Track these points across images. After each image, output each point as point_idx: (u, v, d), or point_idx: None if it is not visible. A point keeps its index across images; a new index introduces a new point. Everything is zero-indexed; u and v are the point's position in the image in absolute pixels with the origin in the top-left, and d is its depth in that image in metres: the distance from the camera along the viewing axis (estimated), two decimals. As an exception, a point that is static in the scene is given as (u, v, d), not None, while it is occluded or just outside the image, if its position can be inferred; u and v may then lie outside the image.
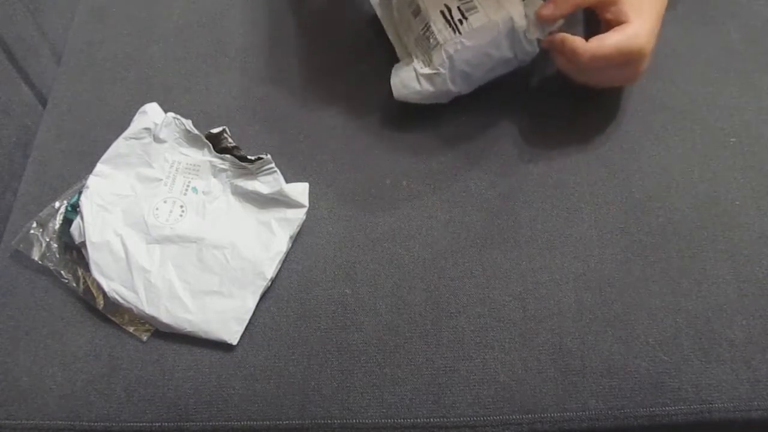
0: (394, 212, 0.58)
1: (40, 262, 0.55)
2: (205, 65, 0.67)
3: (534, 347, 0.52)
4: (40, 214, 0.57)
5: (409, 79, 0.59)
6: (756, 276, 0.54)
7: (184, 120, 0.59)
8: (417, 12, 0.59)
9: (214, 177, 0.58)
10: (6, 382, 0.51)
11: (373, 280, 0.55)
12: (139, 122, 0.59)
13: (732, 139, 0.61)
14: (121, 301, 0.53)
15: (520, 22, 0.56)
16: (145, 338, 0.53)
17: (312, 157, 0.61)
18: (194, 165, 0.58)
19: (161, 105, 0.61)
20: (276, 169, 0.56)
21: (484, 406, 0.50)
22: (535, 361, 0.51)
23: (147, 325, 0.53)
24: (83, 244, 0.54)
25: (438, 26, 0.57)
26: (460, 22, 0.57)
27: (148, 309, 0.52)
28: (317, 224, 0.57)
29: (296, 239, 0.56)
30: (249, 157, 0.57)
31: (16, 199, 0.60)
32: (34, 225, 0.56)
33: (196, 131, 0.58)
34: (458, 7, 0.57)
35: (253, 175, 0.57)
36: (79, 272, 0.55)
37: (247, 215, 0.56)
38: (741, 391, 0.50)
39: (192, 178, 0.57)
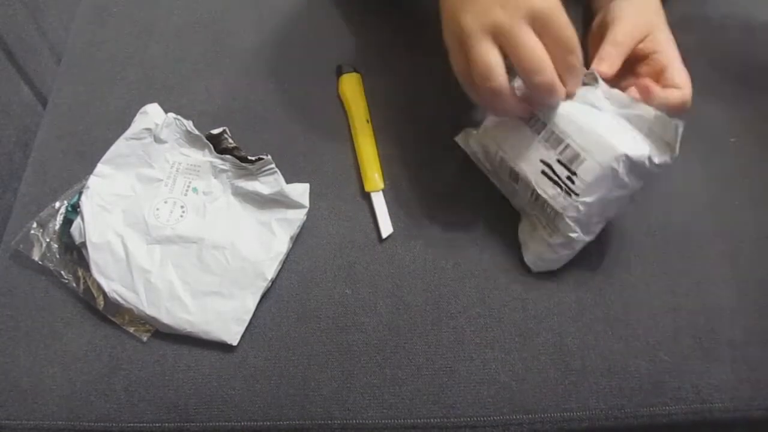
0: (394, 212, 0.58)
1: (40, 262, 0.55)
2: (205, 65, 0.67)
3: (534, 347, 0.52)
4: (40, 214, 0.57)
5: (545, 252, 0.53)
6: (756, 276, 0.54)
7: (184, 120, 0.59)
8: (516, 177, 0.52)
9: (215, 177, 0.58)
10: (6, 382, 0.51)
11: (373, 280, 0.55)
12: (139, 122, 0.59)
13: (732, 139, 0.61)
14: (122, 301, 0.53)
15: (640, 152, 0.47)
16: (145, 338, 0.53)
17: (312, 157, 0.61)
18: (195, 165, 0.58)
19: (161, 105, 0.61)
20: (276, 169, 0.56)
21: (484, 406, 0.50)
22: (535, 361, 0.51)
23: (147, 326, 0.53)
24: (83, 244, 0.54)
25: (548, 192, 0.50)
26: (570, 180, 0.48)
27: (149, 309, 0.52)
28: (317, 225, 0.57)
29: (296, 240, 0.56)
30: (249, 157, 0.57)
31: (16, 199, 0.60)
32: (34, 225, 0.56)
33: (196, 132, 0.58)
34: (558, 161, 0.49)
35: (253, 175, 0.57)
36: (80, 272, 0.55)
37: (248, 216, 0.56)
38: (741, 391, 0.50)
39: (192, 179, 0.57)
